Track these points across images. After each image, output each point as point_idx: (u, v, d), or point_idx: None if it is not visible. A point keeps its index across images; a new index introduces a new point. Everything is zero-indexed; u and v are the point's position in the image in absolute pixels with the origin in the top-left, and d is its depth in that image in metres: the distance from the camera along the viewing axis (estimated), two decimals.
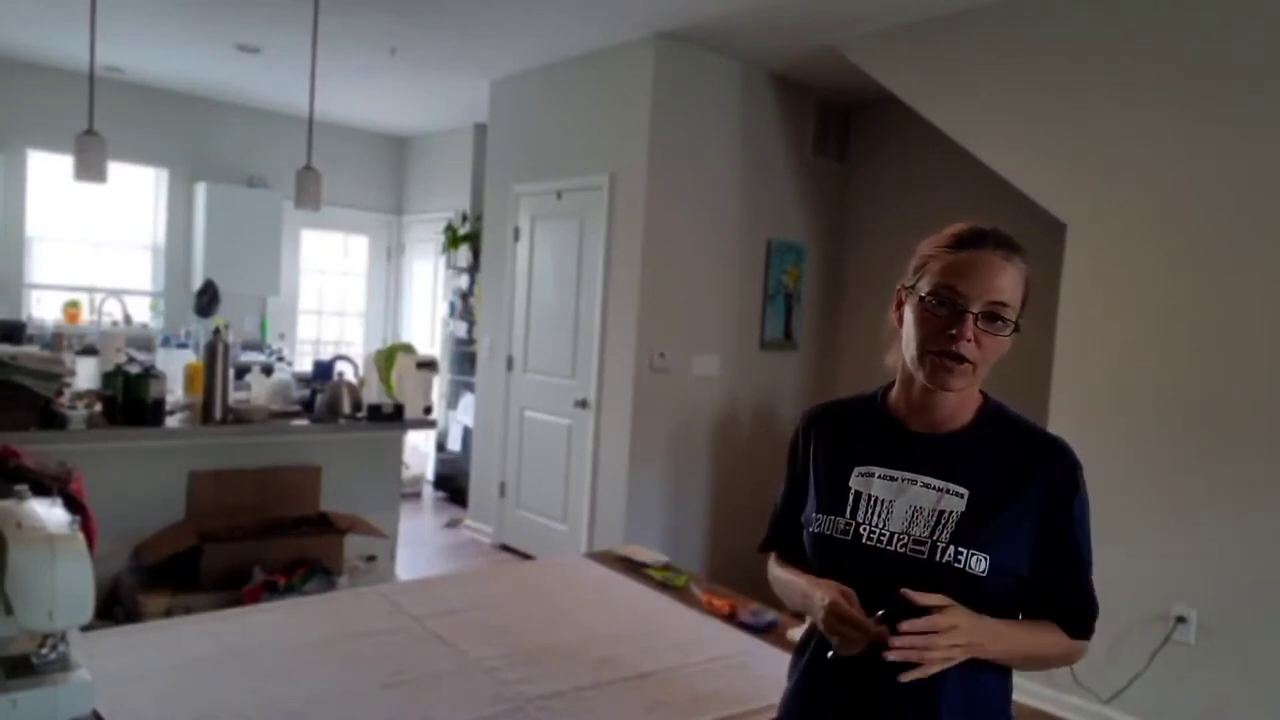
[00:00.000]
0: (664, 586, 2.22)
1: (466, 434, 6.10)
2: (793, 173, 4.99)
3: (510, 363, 5.26)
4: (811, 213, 5.12)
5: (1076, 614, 1.20)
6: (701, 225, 4.60)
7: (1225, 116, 3.02)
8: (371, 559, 3.71)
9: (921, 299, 1.18)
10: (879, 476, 1.22)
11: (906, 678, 1.06)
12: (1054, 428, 3.47)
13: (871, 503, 1.21)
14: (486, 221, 5.57)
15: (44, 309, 5.81)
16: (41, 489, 2.00)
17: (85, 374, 3.70)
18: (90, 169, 3.70)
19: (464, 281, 6.33)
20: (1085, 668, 3.27)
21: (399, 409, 3.85)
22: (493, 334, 5.43)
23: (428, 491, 6.63)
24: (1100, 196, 3.33)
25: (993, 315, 1.15)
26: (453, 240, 6.36)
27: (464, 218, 6.42)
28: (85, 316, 5.81)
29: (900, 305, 1.24)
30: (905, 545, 1.16)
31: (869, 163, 5.17)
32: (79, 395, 3.33)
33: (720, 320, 4.72)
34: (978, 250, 1.16)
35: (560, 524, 4.89)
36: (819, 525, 1.24)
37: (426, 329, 7.04)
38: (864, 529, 1.19)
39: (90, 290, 5.99)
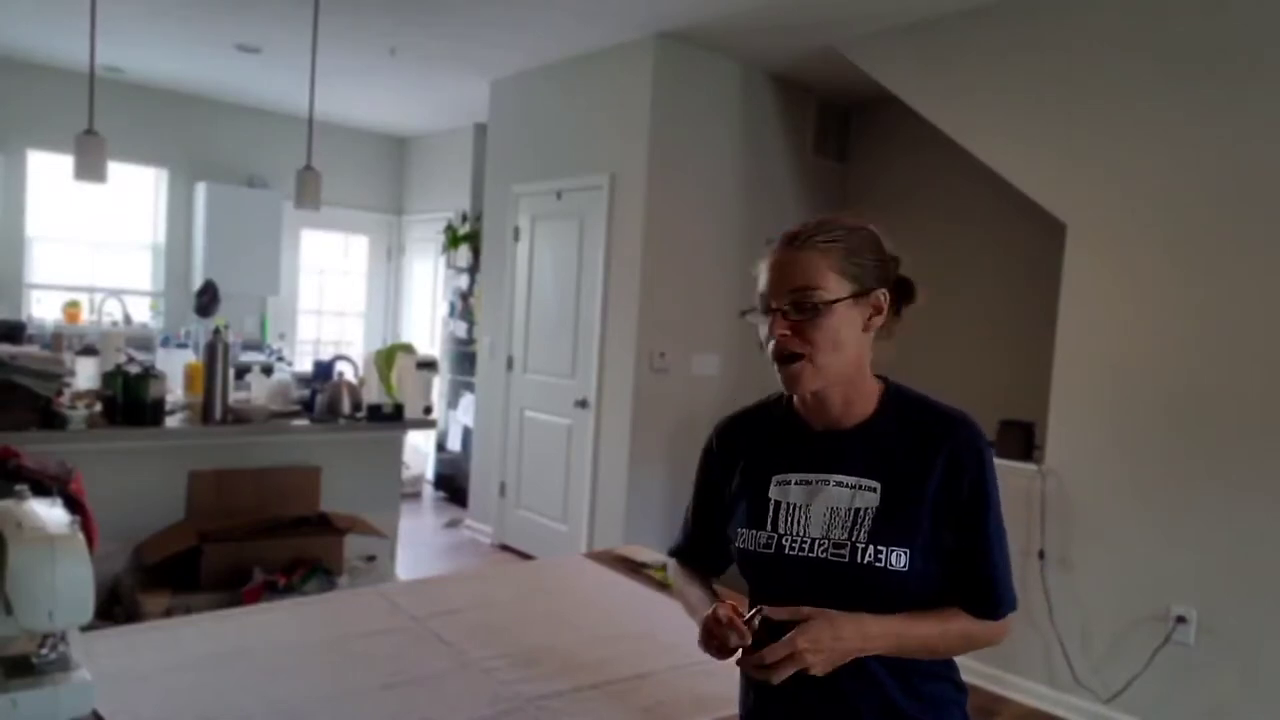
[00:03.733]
0: (664, 586, 2.22)
1: (466, 434, 6.10)
2: (792, 173, 4.99)
3: (510, 363, 5.26)
4: (811, 212, 5.05)
5: (981, 595, 1.17)
6: (701, 225, 4.60)
7: (1226, 116, 3.02)
8: (371, 559, 3.71)
9: (745, 313, 1.22)
10: (795, 482, 1.21)
11: (774, 678, 1.07)
12: (1055, 427, 3.49)
13: (790, 510, 1.20)
14: (486, 221, 5.57)
15: (44, 309, 5.81)
16: (41, 489, 2.00)
17: (85, 374, 3.70)
18: (90, 169, 3.70)
19: (464, 281, 6.33)
20: (1085, 667, 3.28)
21: (399, 409, 3.85)
22: (493, 334, 5.43)
23: (428, 491, 6.63)
24: (1100, 196, 3.33)
25: (799, 304, 1.14)
26: (453, 240, 6.36)
27: (464, 218, 6.42)
28: (85, 316, 5.81)
29: None
30: (826, 550, 1.15)
31: (869, 162, 5.17)
32: (79, 395, 3.33)
33: (720, 320, 4.72)
34: (775, 252, 1.19)
35: (560, 524, 4.89)
36: (743, 540, 1.23)
37: (426, 329, 7.04)
38: (785, 540, 1.18)
39: (90, 290, 5.99)
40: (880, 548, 1.13)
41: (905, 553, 1.12)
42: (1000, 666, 3.46)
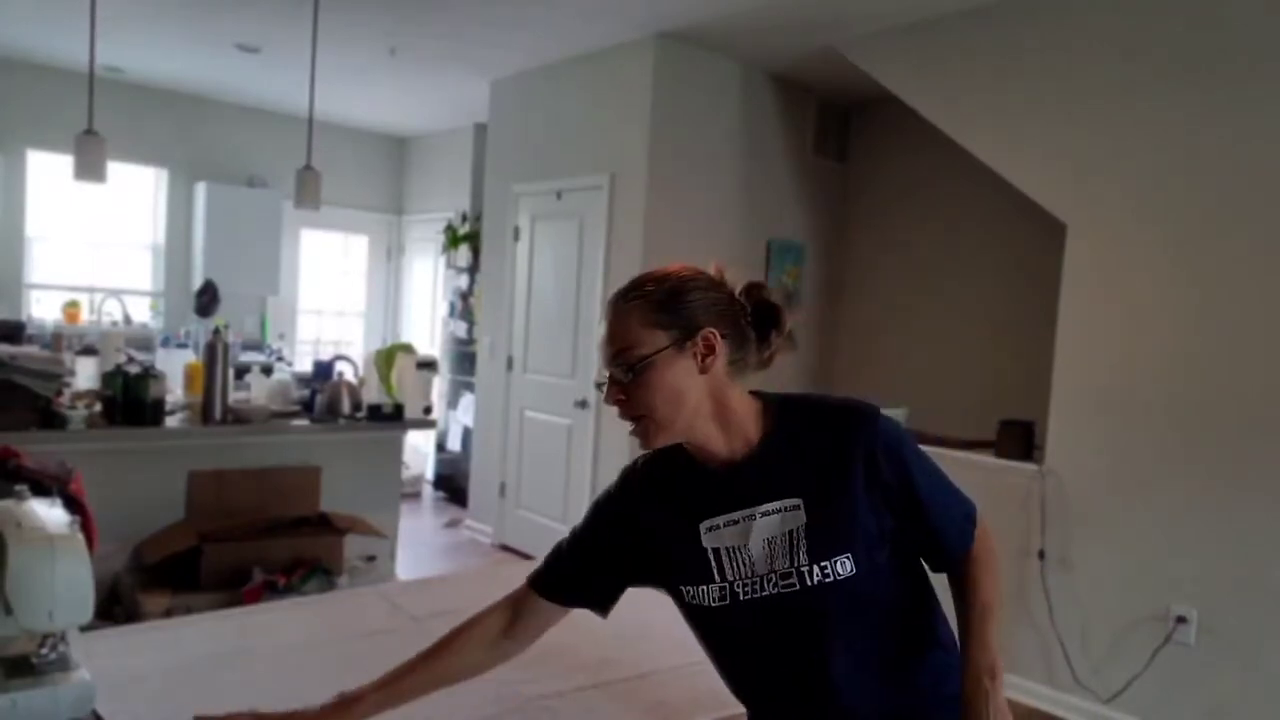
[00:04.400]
0: None
1: (466, 434, 6.10)
2: (792, 173, 4.99)
3: (510, 363, 5.25)
4: (811, 213, 5.12)
5: (941, 547, 1.19)
6: (701, 225, 4.60)
7: (1226, 116, 3.02)
8: (371, 559, 3.71)
9: (599, 388, 1.19)
10: (724, 525, 1.16)
11: None
12: (1055, 427, 3.49)
13: (731, 554, 1.15)
14: (486, 221, 5.57)
15: (44, 309, 5.81)
16: (41, 489, 1.99)
17: (85, 374, 3.70)
18: (90, 169, 3.70)
19: (464, 281, 6.33)
20: (1085, 667, 3.27)
21: (399, 409, 3.85)
22: (493, 334, 5.43)
23: (428, 491, 6.63)
24: (1100, 196, 3.33)
25: (622, 365, 1.11)
26: (453, 240, 6.35)
27: (464, 218, 6.42)
28: (85, 316, 5.81)
29: None
30: (775, 585, 1.13)
31: (869, 162, 5.17)
32: (79, 395, 3.33)
33: None
34: (605, 316, 1.17)
35: (560, 524, 4.88)
36: (693, 598, 1.18)
37: (426, 329, 7.04)
38: (737, 585, 1.15)
39: (90, 290, 5.99)
40: (824, 563, 1.11)
41: (848, 558, 1.11)
42: None
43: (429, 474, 6.72)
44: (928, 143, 4.16)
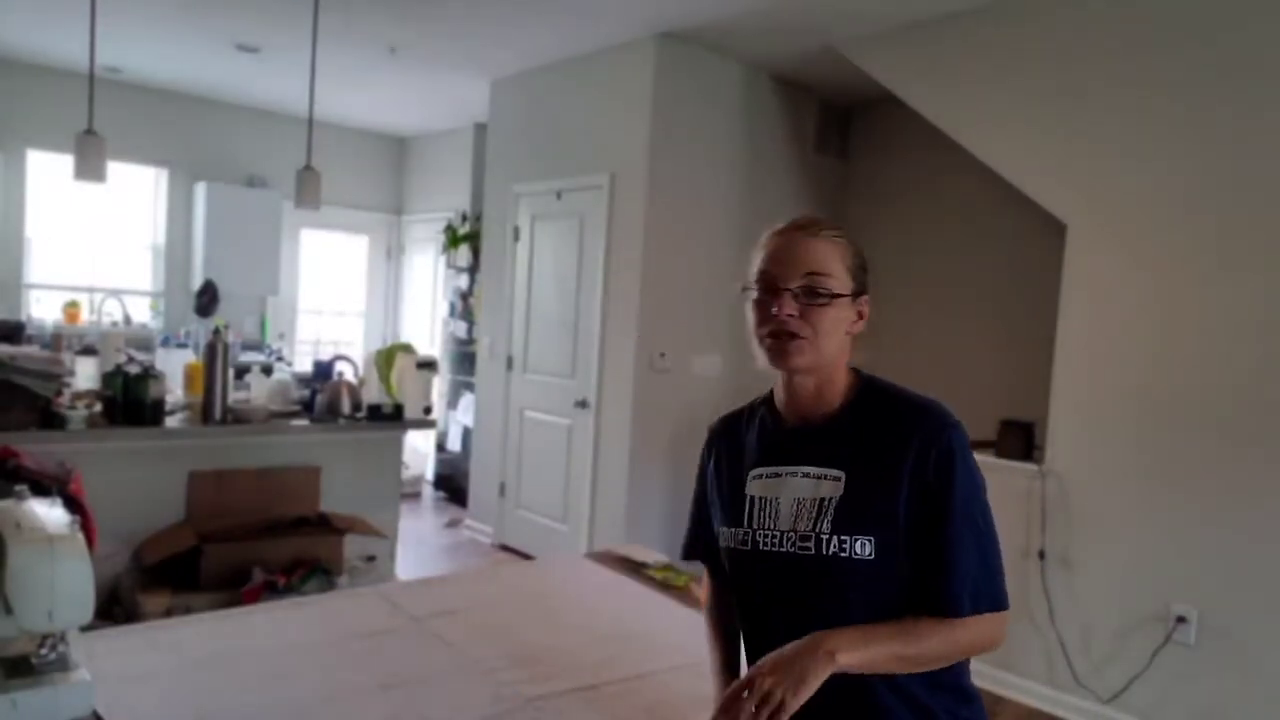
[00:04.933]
0: (664, 586, 2.22)
1: (466, 434, 6.10)
2: (793, 172, 4.99)
3: (510, 363, 5.26)
4: (812, 211, 5.10)
5: (939, 587, 1.11)
6: (702, 225, 4.60)
7: (1226, 116, 3.02)
8: (371, 559, 3.71)
9: (745, 289, 1.22)
10: (766, 476, 1.23)
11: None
12: (1055, 427, 3.49)
13: (762, 505, 1.21)
14: (486, 221, 5.57)
15: (44, 309, 5.81)
16: (41, 489, 2.00)
17: (85, 374, 3.70)
18: (90, 169, 3.70)
19: (464, 281, 6.33)
20: (1085, 667, 3.27)
21: (399, 409, 3.85)
22: (493, 334, 5.43)
23: (428, 491, 6.63)
24: (1100, 197, 3.33)
25: (810, 288, 1.16)
26: (453, 240, 6.36)
27: (464, 218, 6.42)
28: (85, 316, 5.81)
29: None
30: (793, 544, 1.16)
31: (870, 161, 5.18)
32: (79, 395, 3.33)
33: (720, 320, 4.72)
34: (784, 235, 1.21)
35: (560, 524, 4.89)
36: (724, 539, 1.26)
37: (426, 329, 7.04)
38: (759, 535, 1.20)
39: (90, 290, 5.99)
40: (844, 537, 1.13)
41: (870, 541, 1.12)
42: (1000, 666, 3.46)
43: (429, 474, 6.72)
44: (929, 142, 4.16)
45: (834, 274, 1.17)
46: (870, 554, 1.11)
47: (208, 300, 5.85)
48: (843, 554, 1.12)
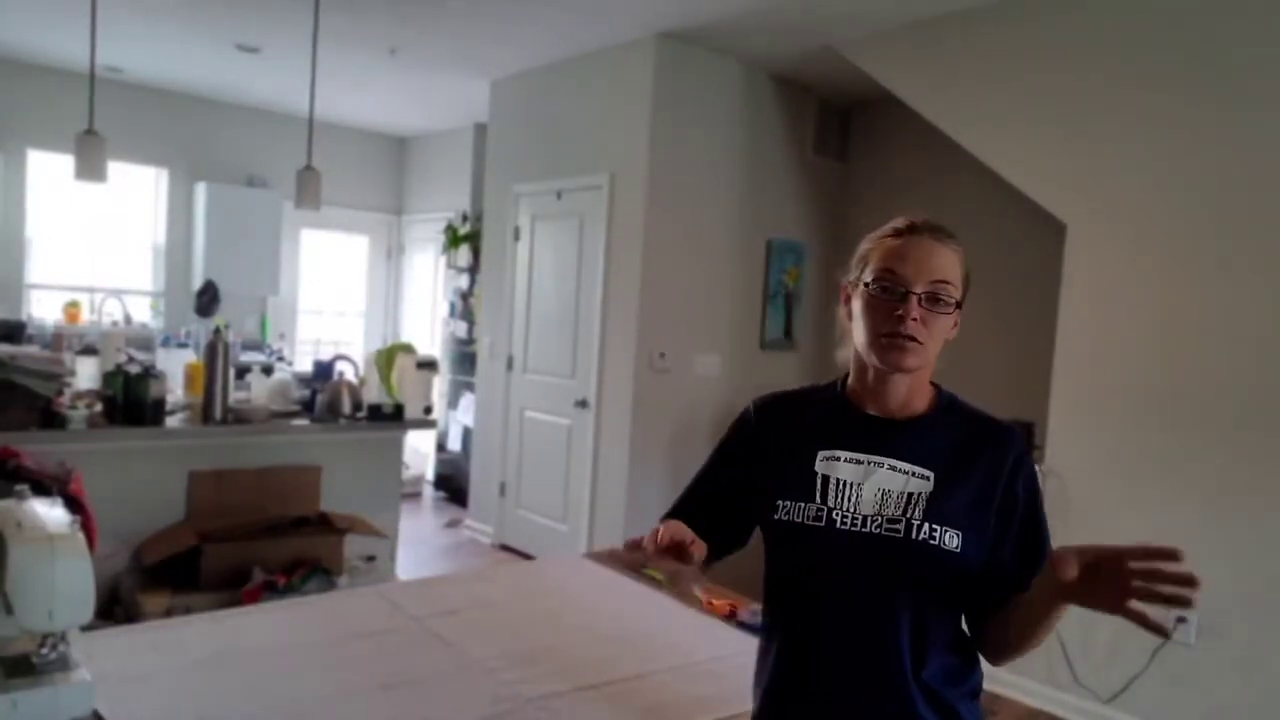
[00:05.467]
0: (664, 586, 2.22)
1: (466, 434, 6.10)
2: (793, 172, 4.99)
3: (510, 363, 5.26)
4: (811, 212, 5.12)
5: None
6: (701, 225, 4.60)
7: (1225, 116, 3.02)
8: (371, 559, 3.71)
9: (867, 286, 1.20)
10: (844, 460, 1.21)
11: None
12: (1055, 427, 3.49)
13: (840, 486, 1.20)
14: (486, 221, 5.57)
15: (44, 309, 5.81)
16: (41, 489, 2.00)
17: (85, 374, 3.70)
18: (90, 169, 3.71)
19: (464, 281, 6.33)
20: (1085, 667, 3.27)
21: (399, 409, 3.85)
22: (493, 334, 5.43)
23: (428, 491, 6.63)
24: (1100, 197, 3.33)
25: (934, 296, 1.17)
26: (453, 240, 6.36)
27: (464, 218, 6.42)
28: (85, 316, 5.81)
29: (848, 300, 1.26)
30: (880, 526, 1.16)
31: (869, 162, 5.17)
32: (79, 395, 3.33)
33: (720, 320, 4.72)
34: (912, 236, 1.20)
35: (560, 524, 4.89)
36: (786, 512, 1.21)
37: (426, 329, 7.04)
38: (836, 514, 1.18)
39: (90, 290, 5.99)
40: (935, 526, 1.14)
41: (959, 534, 1.14)
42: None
43: (429, 474, 6.72)
44: (928, 142, 4.16)
45: (954, 282, 1.19)
46: (957, 547, 1.14)
47: (208, 300, 5.85)
48: (932, 540, 1.14)
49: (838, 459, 1.22)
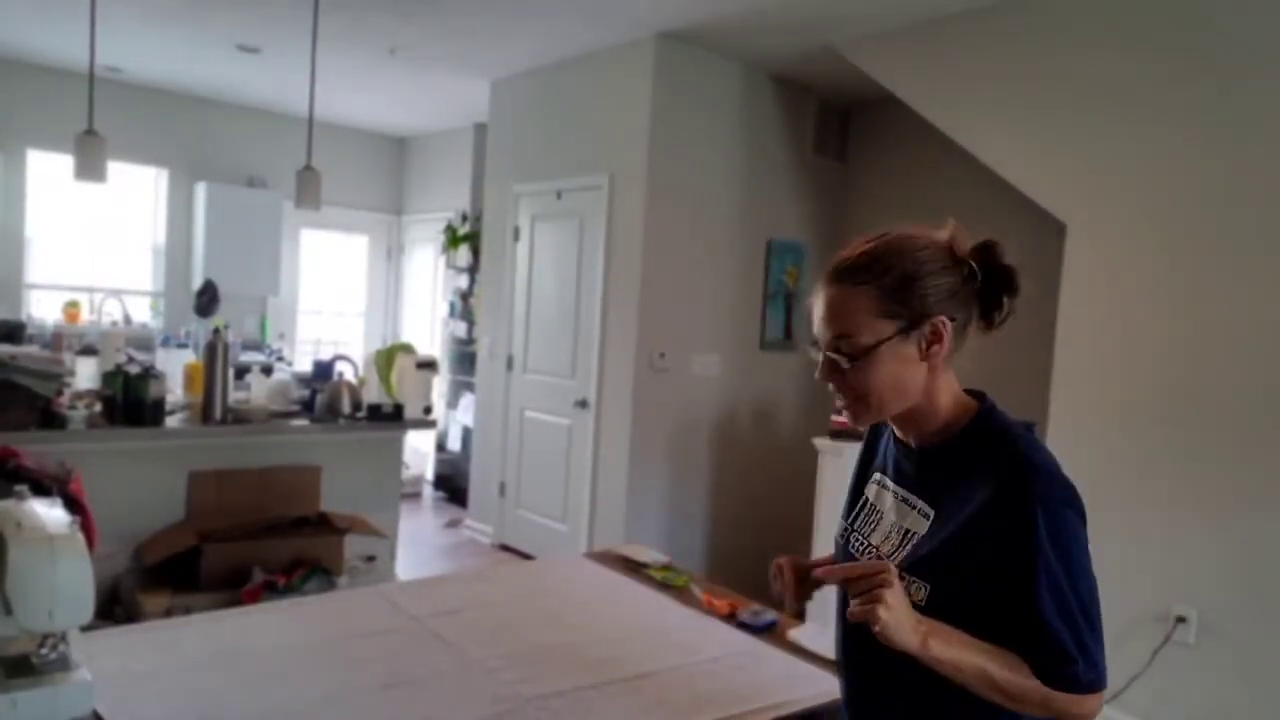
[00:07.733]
0: (664, 586, 2.22)
1: (466, 434, 6.10)
2: (792, 172, 4.99)
3: (510, 363, 5.26)
4: (811, 212, 5.12)
5: (1033, 655, 1.01)
6: (701, 225, 4.60)
7: (1225, 116, 3.02)
8: (371, 559, 3.71)
9: (812, 346, 1.15)
10: (883, 486, 1.23)
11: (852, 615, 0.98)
12: (1054, 428, 3.49)
13: (870, 511, 1.23)
14: (486, 221, 5.57)
15: (44, 309, 5.81)
16: (41, 489, 2.00)
17: (85, 374, 3.70)
18: (90, 169, 3.71)
19: (464, 281, 6.33)
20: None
21: (399, 409, 3.85)
22: (493, 334, 5.43)
23: (428, 491, 6.63)
24: (1100, 196, 3.33)
25: (840, 350, 1.08)
26: (453, 240, 6.36)
27: (464, 218, 6.42)
28: (85, 316, 5.81)
29: None
30: (874, 557, 1.17)
31: (869, 162, 5.17)
32: (79, 395, 3.33)
33: (720, 320, 4.72)
34: (818, 288, 1.12)
35: (560, 524, 4.89)
36: (840, 524, 1.29)
37: (426, 329, 7.04)
38: (853, 536, 1.23)
39: (90, 290, 5.99)
40: (909, 577, 1.07)
41: (925, 588, 1.06)
42: None
43: (429, 474, 6.72)
44: (928, 142, 4.16)
45: (860, 326, 1.05)
46: (922, 599, 1.05)
47: (208, 300, 5.84)
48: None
49: (882, 485, 1.22)
